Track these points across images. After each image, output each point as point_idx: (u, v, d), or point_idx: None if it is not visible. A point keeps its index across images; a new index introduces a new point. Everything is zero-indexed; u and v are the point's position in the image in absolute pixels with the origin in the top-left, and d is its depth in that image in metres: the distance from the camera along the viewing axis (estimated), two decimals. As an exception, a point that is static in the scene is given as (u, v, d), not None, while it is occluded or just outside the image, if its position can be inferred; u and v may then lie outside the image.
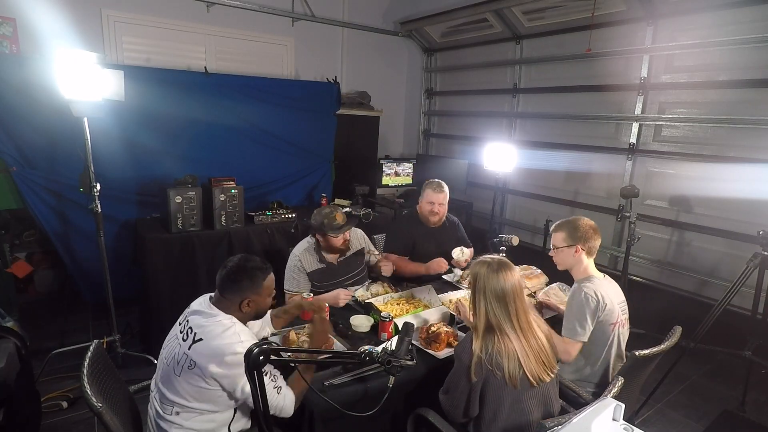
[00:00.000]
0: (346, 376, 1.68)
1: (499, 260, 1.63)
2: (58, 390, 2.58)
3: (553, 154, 4.12)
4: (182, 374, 1.46)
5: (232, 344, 1.44)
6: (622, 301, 1.98)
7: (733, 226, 3.05)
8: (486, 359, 1.51)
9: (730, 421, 2.64)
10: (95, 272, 3.23)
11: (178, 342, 1.53)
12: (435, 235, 2.88)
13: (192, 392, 1.47)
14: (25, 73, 2.92)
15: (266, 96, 3.97)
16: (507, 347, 1.52)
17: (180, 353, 1.49)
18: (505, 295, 1.55)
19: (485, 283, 1.57)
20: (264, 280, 1.60)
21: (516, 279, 1.59)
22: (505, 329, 1.54)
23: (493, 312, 1.55)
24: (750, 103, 2.94)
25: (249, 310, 1.58)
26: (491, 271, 1.58)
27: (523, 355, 1.53)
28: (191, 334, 1.50)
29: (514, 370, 1.51)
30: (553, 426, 1.60)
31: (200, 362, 1.44)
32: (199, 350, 1.46)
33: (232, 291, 1.55)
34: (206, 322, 1.51)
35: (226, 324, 1.50)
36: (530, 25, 4.14)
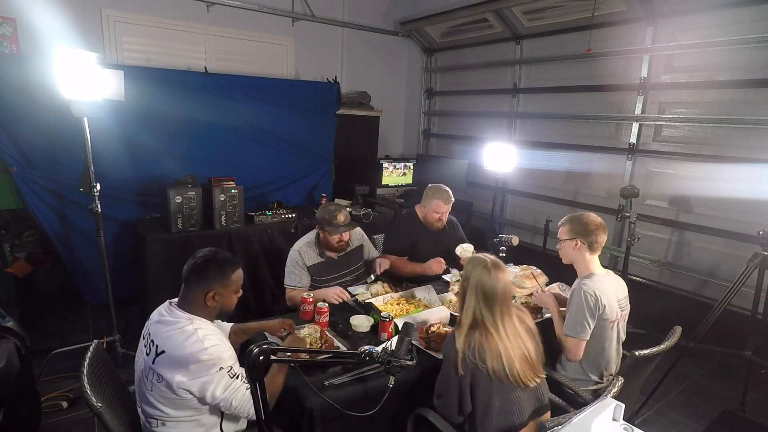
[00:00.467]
0: (346, 376, 1.67)
1: (494, 260, 1.65)
2: (58, 390, 2.58)
3: (553, 154, 4.12)
4: (153, 389, 1.44)
5: (195, 353, 1.40)
6: (623, 298, 1.99)
7: (733, 226, 3.05)
8: (470, 354, 1.53)
9: (730, 421, 2.64)
10: (95, 272, 3.23)
11: (143, 356, 1.49)
12: (435, 236, 2.89)
13: (168, 404, 1.45)
14: (25, 73, 2.92)
15: (266, 96, 3.97)
16: (489, 343, 1.54)
17: (146, 368, 1.46)
18: (494, 295, 1.58)
19: (477, 280, 1.60)
20: (233, 273, 1.55)
21: (506, 282, 1.62)
22: (488, 327, 1.57)
23: (480, 310, 1.58)
24: (750, 103, 2.94)
25: (214, 304, 1.52)
26: (485, 269, 1.60)
27: (506, 355, 1.54)
28: (153, 346, 1.45)
29: (497, 366, 1.53)
30: (553, 426, 1.60)
31: (165, 375, 1.40)
32: (162, 363, 1.41)
33: (198, 282, 1.50)
34: (167, 332, 1.45)
35: (187, 331, 1.44)
36: (530, 25, 4.14)
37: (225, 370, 1.42)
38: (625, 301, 2.01)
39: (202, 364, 1.39)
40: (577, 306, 1.88)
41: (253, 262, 3.47)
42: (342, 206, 2.55)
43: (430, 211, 2.80)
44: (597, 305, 1.86)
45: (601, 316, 1.88)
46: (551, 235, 3.77)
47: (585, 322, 1.86)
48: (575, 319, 1.88)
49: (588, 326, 1.86)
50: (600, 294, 1.87)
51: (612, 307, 1.90)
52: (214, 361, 1.41)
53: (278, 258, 3.45)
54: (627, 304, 2.02)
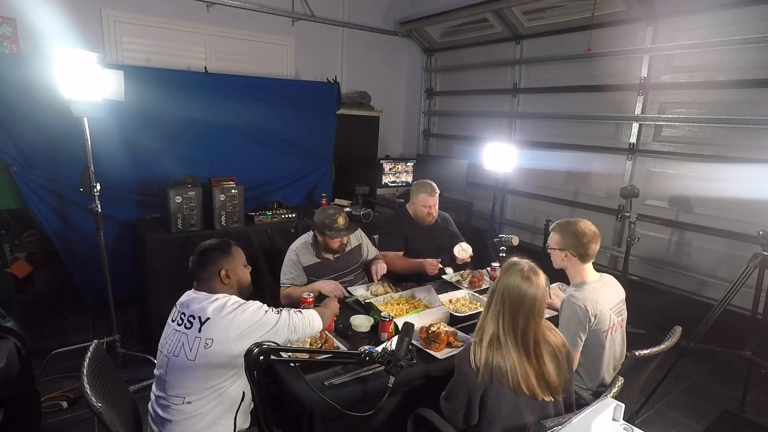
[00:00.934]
0: (346, 376, 1.67)
1: (531, 266, 1.54)
2: (58, 390, 2.58)
3: (553, 154, 4.12)
4: (198, 357, 1.49)
5: (238, 307, 1.53)
6: (618, 303, 1.95)
7: (733, 226, 3.05)
8: (486, 373, 1.48)
9: (730, 421, 2.64)
10: (95, 272, 3.22)
11: (182, 332, 1.54)
12: (427, 232, 2.91)
13: (211, 371, 1.50)
14: (25, 73, 2.92)
15: (266, 96, 3.97)
16: (506, 361, 1.48)
17: (190, 340, 1.51)
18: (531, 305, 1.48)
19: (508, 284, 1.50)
20: (232, 248, 1.69)
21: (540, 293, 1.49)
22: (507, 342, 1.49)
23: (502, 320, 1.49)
24: (750, 103, 2.94)
25: (230, 281, 1.63)
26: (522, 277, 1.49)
27: (522, 371, 1.47)
28: (194, 320, 1.53)
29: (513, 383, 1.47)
30: (553, 426, 1.60)
31: (218, 337, 1.48)
32: (211, 328, 1.49)
33: (206, 267, 1.61)
34: (205, 304, 1.55)
35: (223, 300, 1.56)
36: (530, 25, 4.14)
37: (270, 311, 1.60)
38: (621, 306, 1.97)
39: (249, 310, 1.54)
40: (568, 319, 1.86)
41: (253, 262, 3.44)
42: (340, 209, 2.55)
43: (419, 206, 2.86)
44: (587, 317, 1.82)
45: (592, 327, 1.85)
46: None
47: (576, 335, 1.84)
48: (567, 332, 1.84)
49: (580, 339, 1.84)
50: (590, 305, 1.83)
51: (604, 317, 1.86)
52: (258, 306, 1.58)
53: (278, 258, 3.42)
54: (623, 309, 1.98)
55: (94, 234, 2.74)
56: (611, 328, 1.89)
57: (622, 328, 1.98)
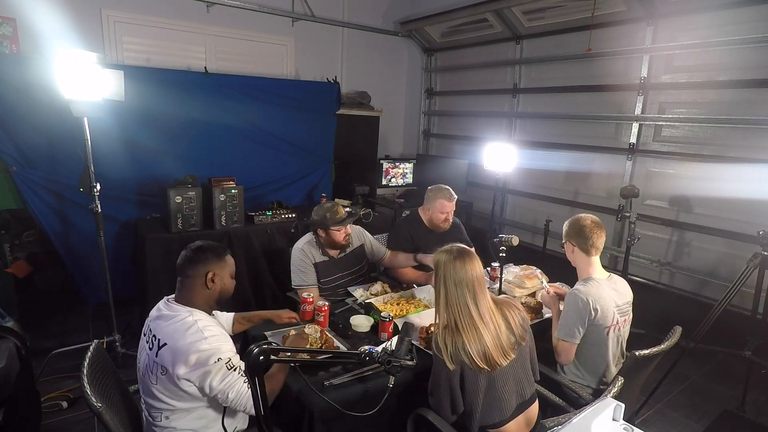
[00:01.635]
0: (346, 376, 1.68)
1: (460, 249, 1.63)
2: (58, 390, 2.58)
3: (553, 154, 4.12)
4: (158, 382, 1.46)
5: (195, 342, 1.43)
6: (624, 303, 1.96)
7: (733, 226, 3.05)
8: (453, 352, 1.53)
9: (730, 421, 2.64)
10: (95, 272, 3.23)
11: (146, 351, 1.52)
12: (439, 239, 2.83)
13: (173, 396, 1.47)
14: (25, 73, 2.92)
15: (266, 96, 3.97)
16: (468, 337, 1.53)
17: (150, 362, 1.48)
18: (466, 283, 1.56)
19: (446, 271, 1.58)
20: (226, 256, 1.63)
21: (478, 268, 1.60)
22: (465, 319, 1.55)
23: (456, 300, 1.56)
24: (750, 103, 2.94)
25: (214, 286, 1.56)
26: (452, 259, 1.59)
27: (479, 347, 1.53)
28: (155, 340, 1.48)
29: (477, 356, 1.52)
30: (553, 426, 1.60)
31: (168, 367, 1.42)
32: (164, 355, 1.44)
33: (196, 265, 1.55)
34: (168, 325, 1.48)
35: (188, 322, 1.47)
36: (530, 25, 4.14)
37: (223, 361, 1.43)
38: (627, 307, 1.97)
39: (202, 354, 1.41)
40: (568, 310, 1.89)
41: (253, 262, 3.47)
42: (336, 203, 2.58)
43: (436, 212, 2.75)
44: (587, 310, 1.83)
45: (593, 321, 1.85)
46: (551, 235, 3.77)
47: (574, 327, 1.85)
48: (565, 323, 1.88)
49: (578, 331, 1.85)
50: (593, 299, 1.84)
51: (606, 313, 1.86)
52: (213, 351, 1.43)
53: (278, 258, 3.45)
54: (629, 310, 1.98)
55: (94, 234, 2.74)
56: (613, 325, 1.90)
57: (624, 329, 1.98)
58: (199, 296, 1.56)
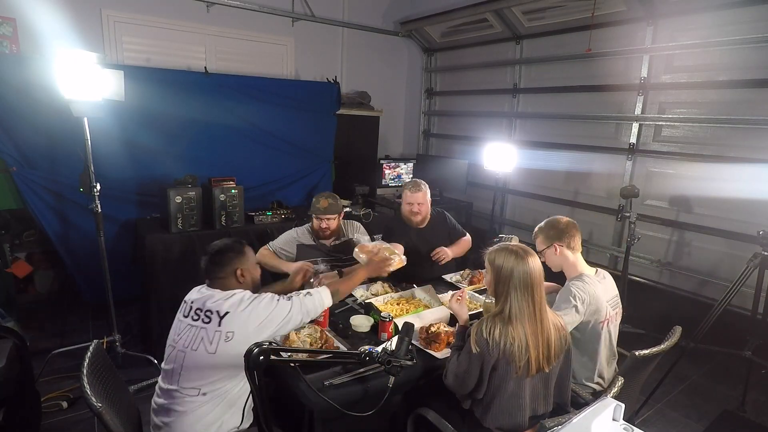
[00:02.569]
0: (346, 376, 1.67)
1: (524, 247, 1.63)
2: (58, 390, 2.58)
3: (553, 154, 4.12)
4: (219, 350, 1.51)
5: (254, 300, 1.59)
6: (613, 297, 1.97)
7: (733, 226, 3.05)
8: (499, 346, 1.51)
9: (730, 421, 2.64)
10: (95, 272, 3.22)
11: (200, 327, 1.56)
12: (423, 234, 2.85)
13: (229, 363, 1.50)
14: (25, 73, 2.92)
15: (266, 96, 3.97)
16: (518, 333, 1.52)
17: (210, 334, 1.53)
18: (532, 282, 1.56)
19: (512, 271, 1.56)
20: (245, 248, 1.75)
21: (539, 265, 1.61)
22: (521, 317, 1.54)
23: (517, 299, 1.55)
24: (750, 103, 2.94)
25: (245, 279, 1.69)
26: (519, 258, 1.57)
27: (533, 341, 1.53)
28: (212, 314, 1.56)
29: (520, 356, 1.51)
30: (553, 426, 1.60)
31: (239, 330, 1.52)
32: (231, 321, 1.53)
33: (222, 267, 1.66)
34: (221, 300, 1.58)
35: (239, 295, 1.61)
36: (530, 25, 4.14)
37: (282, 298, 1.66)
38: (616, 300, 1.99)
39: (264, 302, 1.60)
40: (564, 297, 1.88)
41: (253, 262, 3.47)
42: (332, 195, 2.67)
43: (404, 204, 2.84)
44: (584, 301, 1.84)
45: (590, 316, 1.86)
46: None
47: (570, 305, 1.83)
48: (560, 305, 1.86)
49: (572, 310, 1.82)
50: (589, 294, 1.85)
51: (601, 307, 1.88)
52: (271, 297, 1.63)
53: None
54: (618, 303, 2.00)
55: (94, 234, 2.74)
56: (607, 319, 1.91)
57: (615, 322, 1.99)
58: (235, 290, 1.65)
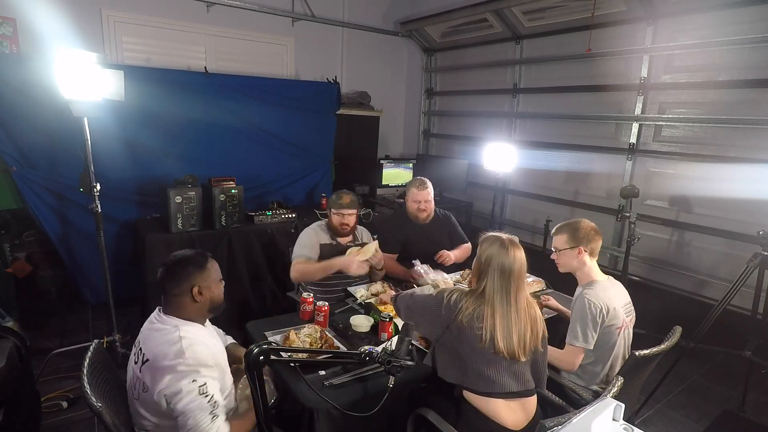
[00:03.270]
0: (346, 376, 1.68)
1: (510, 238, 1.66)
2: (58, 390, 2.57)
3: (553, 154, 4.12)
4: (140, 397, 1.42)
5: (175, 360, 1.35)
6: (627, 303, 1.97)
7: (733, 226, 3.05)
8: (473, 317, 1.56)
9: (730, 421, 2.64)
10: (95, 272, 3.23)
11: (132, 365, 1.47)
12: (425, 231, 2.89)
13: (156, 414, 1.42)
14: (25, 73, 2.92)
15: (266, 96, 3.97)
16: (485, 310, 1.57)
17: (134, 377, 1.44)
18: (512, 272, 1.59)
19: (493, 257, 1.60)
20: (207, 263, 1.54)
21: (522, 258, 1.63)
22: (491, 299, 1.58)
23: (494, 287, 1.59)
24: (750, 103, 2.94)
25: (202, 299, 1.49)
26: (502, 247, 1.61)
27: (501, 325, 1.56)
28: (141, 354, 1.43)
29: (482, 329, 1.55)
30: (553, 426, 1.60)
31: (148, 384, 1.38)
32: (146, 372, 1.39)
33: (179, 281, 1.46)
34: (154, 341, 1.42)
35: (172, 339, 1.39)
36: (530, 25, 4.14)
37: (197, 383, 1.34)
38: (629, 306, 1.98)
39: (178, 374, 1.34)
40: (581, 315, 1.85)
41: (253, 262, 3.47)
42: (350, 192, 2.65)
43: (410, 202, 2.87)
44: (600, 314, 1.83)
45: (606, 324, 1.85)
46: (551, 235, 3.76)
47: (587, 331, 1.82)
48: (577, 328, 1.84)
49: (591, 335, 1.83)
50: (604, 302, 1.84)
51: (618, 314, 1.87)
52: (190, 372, 1.35)
53: (278, 258, 3.45)
54: (632, 309, 1.99)
55: (94, 234, 2.74)
56: (623, 326, 1.90)
57: (630, 330, 1.98)
58: (189, 311, 1.49)
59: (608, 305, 1.85)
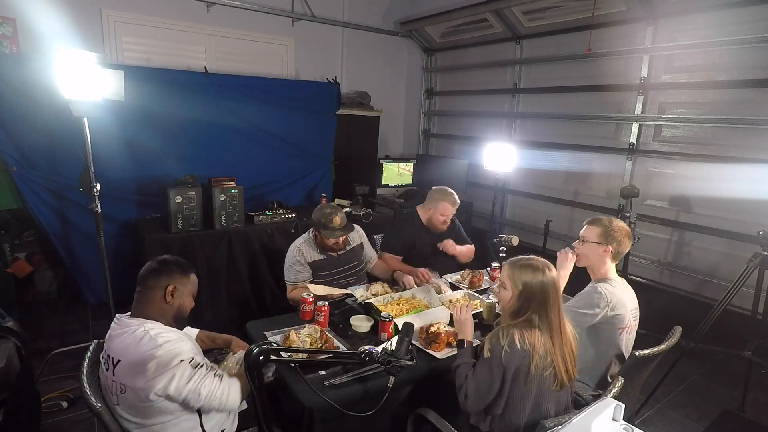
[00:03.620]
0: (346, 376, 1.67)
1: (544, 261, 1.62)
2: (58, 390, 2.58)
3: (553, 154, 4.12)
4: (120, 402, 1.39)
5: (149, 351, 1.35)
6: (635, 308, 1.97)
7: (733, 226, 3.05)
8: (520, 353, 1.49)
9: (730, 421, 2.64)
10: (95, 272, 3.23)
11: (103, 373, 1.45)
12: (435, 238, 2.88)
13: (138, 413, 1.40)
14: (25, 73, 2.92)
15: (266, 96, 3.97)
16: (543, 340, 1.51)
17: (109, 383, 1.41)
18: (556, 294, 1.56)
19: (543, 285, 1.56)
20: (191, 274, 1.60)
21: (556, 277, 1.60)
22: (545, 327, 1.53)
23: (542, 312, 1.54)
24: (750, 103, 2.94)
25: (173, 301, 1.51)
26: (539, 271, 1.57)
27: (559, 352, 1.52)
28: (109, 360, 1.41)
29: (544, 364, 1.50)
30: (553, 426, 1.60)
31: (128, 383, 1.36)
32: (121, 372, 1.37)
33: (159, 277, 1.51)
34: (120, 342, 1.41)
35: (138, 334, 1.40)
36: (530, 25, 4.14)
37: (186, 361, 1.38)
38: (636, 312, 1.98)
39: (160, 360, 1.34)
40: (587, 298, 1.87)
41: (253, 262, 3.47)
42: (338, 208, 2.52)
43: (437, 213, 2.78)
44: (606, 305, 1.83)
45: (609, 318, 1.86)
46: (551, 235, 3.77)
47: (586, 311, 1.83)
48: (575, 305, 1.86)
49: (585, 318, 1.83)
50: (615, 299, 1.85)
51: (624, 316, 1.87)
52: (172, 355, 1.37)
53: (278, 258, 3.42)
54: (638, 314, 2.00)
55: (94, 234, 2.74)
56: (627, 327, 1.90)
57: (633, 333, 1.98)
58: (155, 310, 1.49)
59: (617, 304, 1.85)
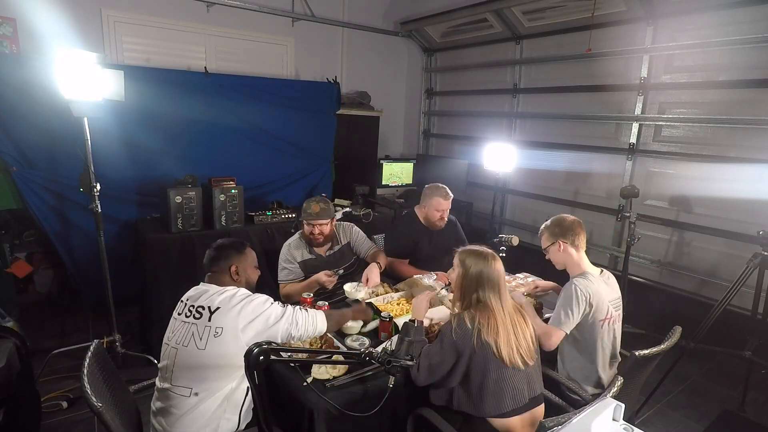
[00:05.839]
0: (346, 376, 1.68)
1: (492, 253, 1.74)
2: (58, 390, 2.58)
3: (553, 154, 4.12)
4: (208, 346, 1.52)
5: (247, 298, 1.60)
6: (615, 298, 1.98)
7: (733, 226, 3.05)
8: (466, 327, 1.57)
9: (730, 421, 2.64)
10: (95, 272, 3.22)
11: (191, 323, 1.58)
12: (435, 237, 2.88)
13: (219, 361, 1.52)
14: (25, 73, 2.92)
15: (266, 96, 3.97)
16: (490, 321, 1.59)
17: (200, 329, 1.55)
18: (497, 281, 1.67)
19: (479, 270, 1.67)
20: (246, 249, 1.81)
21: (502, 269, 1.73)
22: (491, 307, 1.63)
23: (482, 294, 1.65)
24: (750, 103, 2.95)
25: (239, 278, 1.74)
26: (485, 261, 1.69)
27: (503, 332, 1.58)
28: (204, 310, 1.58)
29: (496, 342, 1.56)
30: (553, 426, 1.60)
31: (228, 326, 1.53)
32: (221, 317, 1.55)
33: (219, 262, 1.73)
34: (214, 296, 1.60)
35: (231, 291, 1.63)
36: (530, 25, 4.14)
37: (276, 303, 1.65)
38: (618, 302, 1.99)
39: (256, 303, 1.60)
40: (566, 298, 1.89)
41: (253, 262, 3.47)
42: (324, 199, 2.57)
43: (431, 209, 2.79)
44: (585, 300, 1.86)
45: (588, 315, 1.87)
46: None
47: (569, 313, 1.85)
48: (560, 310, 1.89)
49: (570, 318, 1.85)
50: (591, 294, 1.87)
51: (602, 307, 1.89)
52: (264, 298, 1.64)
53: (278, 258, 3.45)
54: (620, 305, 2.01)
55: (94, 234, 2.74)
56: (608, 318, 1.91)
57: (618, 324, 1.99)
58: (229, 285, 1.69)
59: (593, 299, 1.87)
